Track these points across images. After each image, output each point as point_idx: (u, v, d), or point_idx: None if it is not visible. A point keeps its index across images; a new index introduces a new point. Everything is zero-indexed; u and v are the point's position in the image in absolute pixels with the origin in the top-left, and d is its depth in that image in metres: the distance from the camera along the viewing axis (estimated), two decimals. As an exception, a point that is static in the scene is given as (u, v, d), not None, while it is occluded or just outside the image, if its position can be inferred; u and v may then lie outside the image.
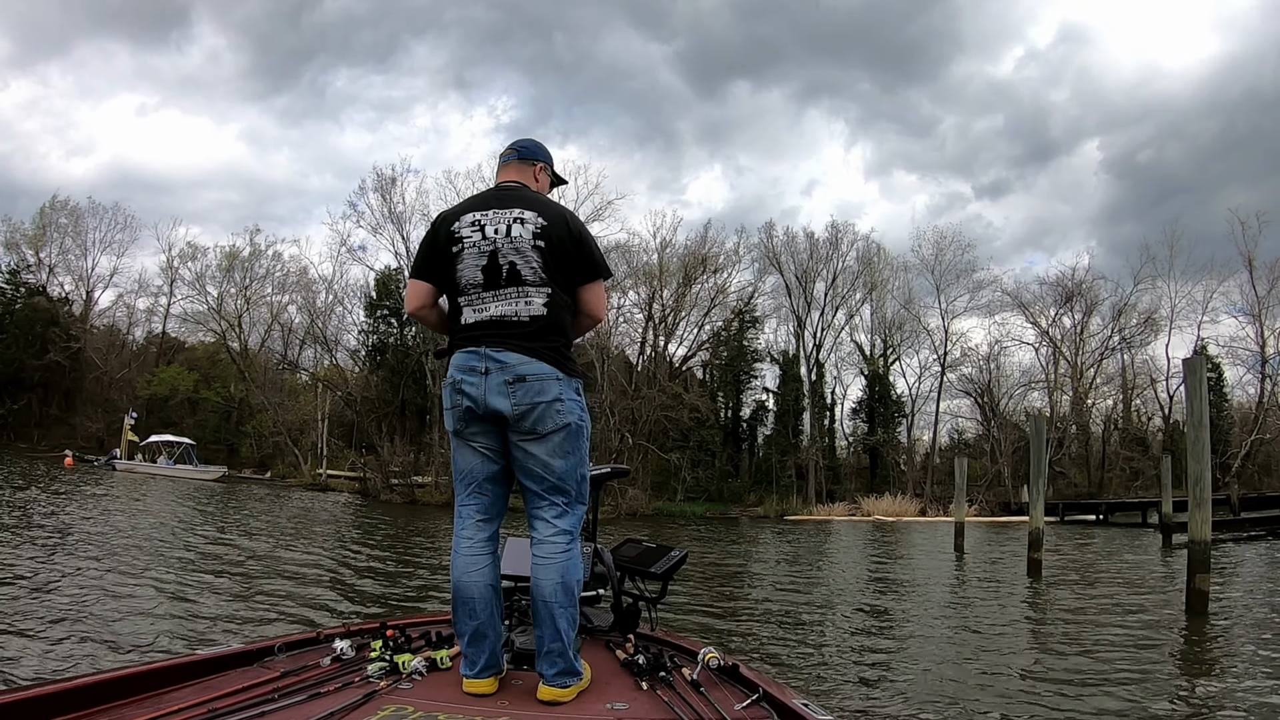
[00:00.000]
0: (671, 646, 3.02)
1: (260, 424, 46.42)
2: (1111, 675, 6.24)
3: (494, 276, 2.52)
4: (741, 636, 7.79)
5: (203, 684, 2.25)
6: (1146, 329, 44.69)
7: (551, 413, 2.46)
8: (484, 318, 2.53)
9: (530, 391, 2.43)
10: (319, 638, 2.82)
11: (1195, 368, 11.22)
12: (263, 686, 2.21)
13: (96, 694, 2.02)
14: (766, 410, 46.90)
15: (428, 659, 2.56)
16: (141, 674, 2.18)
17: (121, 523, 14.48)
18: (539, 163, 2.82)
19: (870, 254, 46.71)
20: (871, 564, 16.39)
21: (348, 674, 2.42)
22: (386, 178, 40.01)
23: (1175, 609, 9.84)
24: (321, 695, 2.17)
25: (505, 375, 2.43)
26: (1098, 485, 41.78)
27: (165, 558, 10.60)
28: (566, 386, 2.51)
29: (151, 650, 5.72)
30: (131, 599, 7.50)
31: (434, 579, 10.75)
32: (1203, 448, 10.97)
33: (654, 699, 2.32)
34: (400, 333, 45.87)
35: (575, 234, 2.59)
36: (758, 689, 2.33)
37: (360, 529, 18.89)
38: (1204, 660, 7.15)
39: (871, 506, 38.15)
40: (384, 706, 2.10)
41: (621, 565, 3.37)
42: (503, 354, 2.45)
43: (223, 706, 1.99)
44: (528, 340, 2.48)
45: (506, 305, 2.51)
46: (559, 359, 2.51)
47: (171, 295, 51.82)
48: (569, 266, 2.58)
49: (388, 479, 37.53)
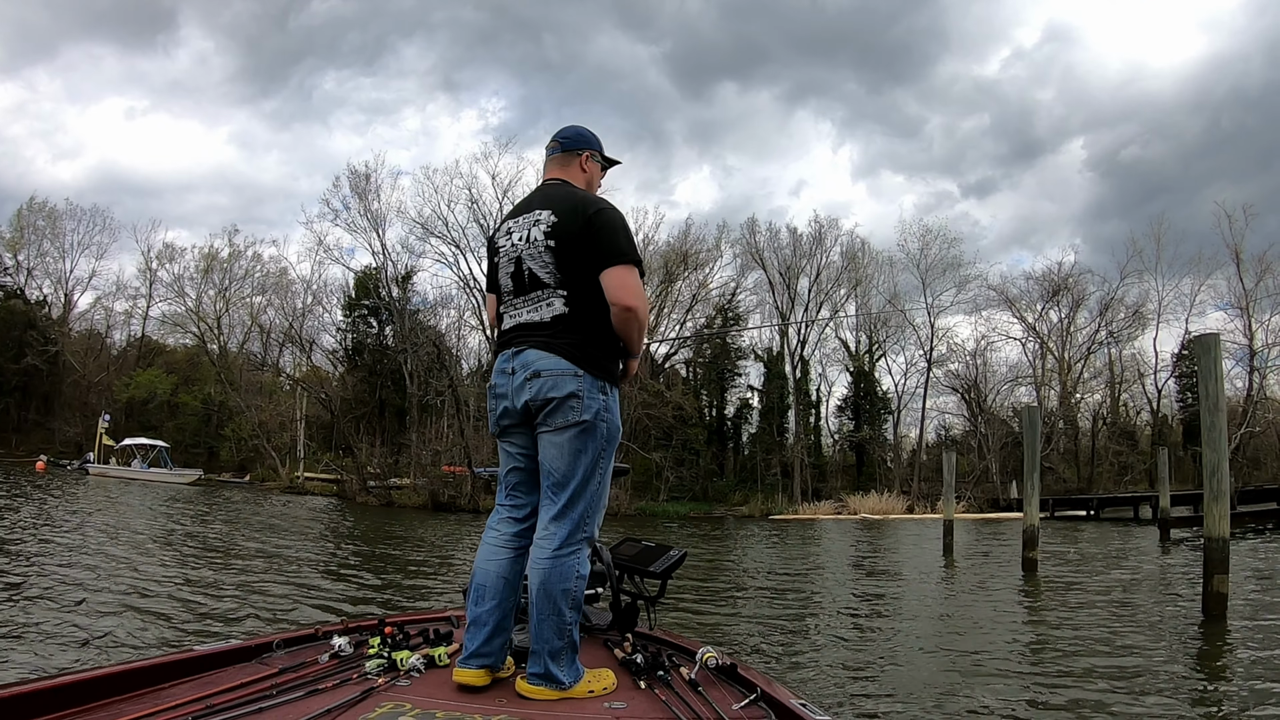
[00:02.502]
0: (670, 646, 2.97)
1: (239, 427, 44.67)
2: (1129, 685, 5.58)
3: (520, 283, 2.54)
4: (729, 644, 6.94)
5: (201, 680, 2.21)
6: (1134, 323, 43.60)
7: (565, 408, 2.40)
8: (514, 323, 2.54)
9: (545, 386, 2.40)
10: (317, 634, 2.76)
11: (1208, 346, 9.72)
12: (261, 683, 2.16)
13: (94, 689, 1.97)
14: (751, 408, 45.30)
15: (426, 656, 2.49)
16: (139, 670, 2.13)
17: (64, 540, 12.18)
18: (584, 151, 2.72)
19: (855, 249, 45.34)
20: (860, 564, 15.26)
21: (346, 671, 2.35)
22: (361, 174, 38.31)
23: (1189, 611, 8.92)
24: (319, 692, 2.13)
25: (526, 372, 2.43)
26: (1087, 481, 40.57)
27: (107, 570, 9.20)
28: (588, 384, 2.42)
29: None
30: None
31: (406, 582, 10.07)
32: (1219, 434, 9.51)
33: (652, 698, 2.28)
34: (379, 333, 44.16)
35: (586, 222, 2.46)
36: (755, 689, 2.28)
37: (320, 534, 17.22)
38: (1233, 671, 6.10)
39: (858, 504, 36.72)
40: (382, 703, 2.05)
41: (620, 564, 3.33)
42: (525, 353, 2.45)
43: (220, 703, 1.96)
44: (546, 336, 2.45)
45: (532, 310, 2.50)
46: (580, 355, 2.42)
47: (150, 298, 50.24)
48: (584, 258, 2.46)
49: (364, 481, 36.16)
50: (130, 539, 12.41)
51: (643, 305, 2.49)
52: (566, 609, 2.35)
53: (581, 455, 2.42)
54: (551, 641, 2.31)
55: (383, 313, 42.48)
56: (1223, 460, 9.47)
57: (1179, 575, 12.59)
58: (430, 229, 39.00)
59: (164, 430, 46.68)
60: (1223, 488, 9.39)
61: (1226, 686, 5.62)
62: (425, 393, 38.06)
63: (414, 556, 13.59)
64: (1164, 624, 8.20)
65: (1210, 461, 9.48)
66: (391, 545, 15.74)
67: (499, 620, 2.41)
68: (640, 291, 2.48)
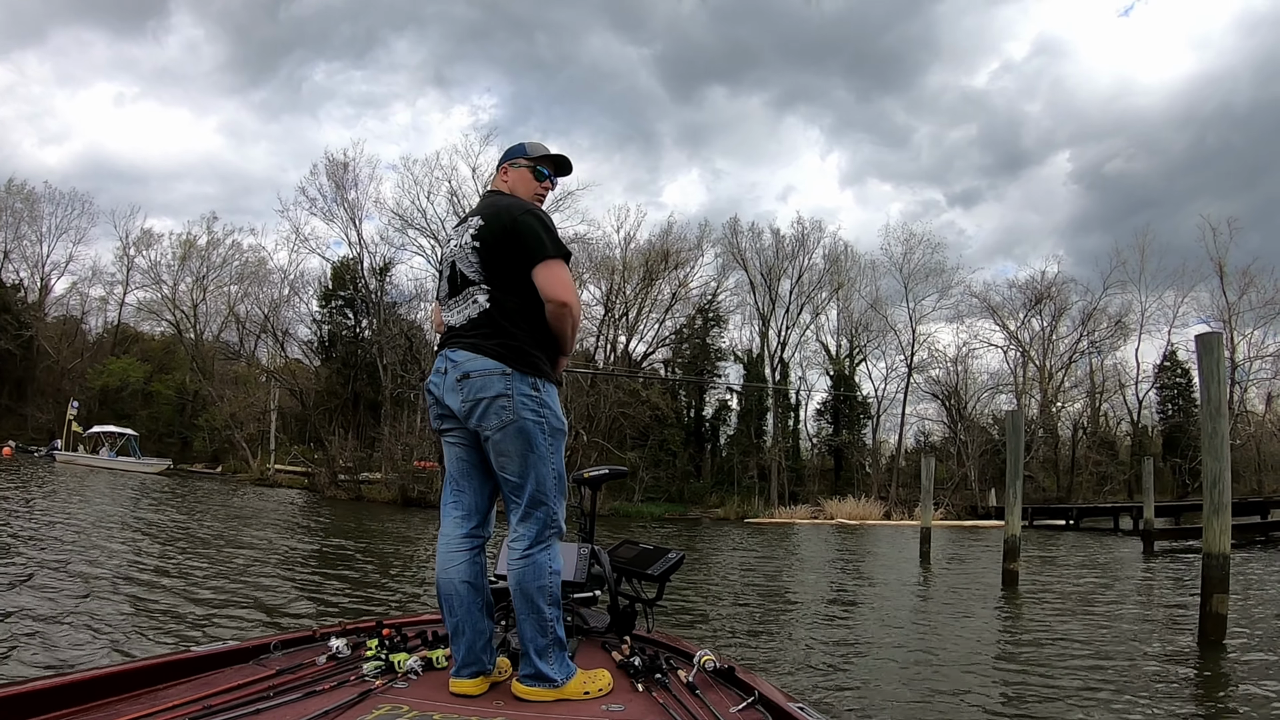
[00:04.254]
0: (668, 648, 2.88)
1: (212, 417, 43.09)
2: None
3: (453, 285, 2.56)
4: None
5: (198, 681, 2.19)
6: (1116, 333, 42.69)
7: (495, 409, 2.37)
8: (449, 323, 2.54)
9: (474, 388, 2.39)
10: (315, 636, 2.72)
11: (1211, 345, 8.63)
12: (258, 684, 2.15)
13: (91, 690, 1.95)
14: (729, 410, 43.82)
15: (423, 658, 2.47)
16: (137, 670, 2.11)
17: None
18: (505, 163, 2.78)
19: (837, 252, 44.10)
20: (834, 574, 14.24)
21: (343, 673, 2.34)
22: (339, 163, 36.94)
23: (1181, 632, 8.24)
24: (317, 694, 2.11)
25: (456, 373, 2.42)
26: (1066, 490, 39.62)
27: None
28: (516, 381, 2.38)
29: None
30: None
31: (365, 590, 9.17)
32: (1221, 441, 8.46)
33: (649, 701, 2.26)
34: (355, 324, 42.76)
35: (510, 224, 2.47)
36: (753, 692, 2.25)
37: (278, 529, 15.85)
38: (1240, 705, 5.49)
39: (834, 509, 35.53)
40: (379, 705, 2.05)
41: (618, 567, 3.25)
42: (455, 353, 2.45)
43: (218, 704, 1.94)
44: (475, 338, 2.44)
45: (462, 309, 2.51)
46: (507, 354, 2.39)
47: (127, 284, 48.70)
48: (509, 258, 2.46)
49: (334, 475, 34.69)
50: (76, 526, 11.90)
51: (576, 300, 2.50)
52: (545, 606, 2.35)
53: (529, 454, 2.38)
54: (536, 640, 2.32)
55: (359, 304, 40.98)
56: (1225, 470, 8.39)
57: (1167, 591, 11.82)
58: (409, 220, 37.80)
59: (137, 419, 45.54)
60: (1224, 499, 8.31)
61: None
62: (398, 386, 36.69)
63: (369, 557, 12.57)
64: (1157, 647, 7.45)
65: (1211, 471, 8.39)
66: (354, 541, 14.94)
67: (474, 624, 2.40)
68: (572, 286, 2.49)
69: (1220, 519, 8.17)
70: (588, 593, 3.17)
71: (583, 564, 3.15)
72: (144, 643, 5.60)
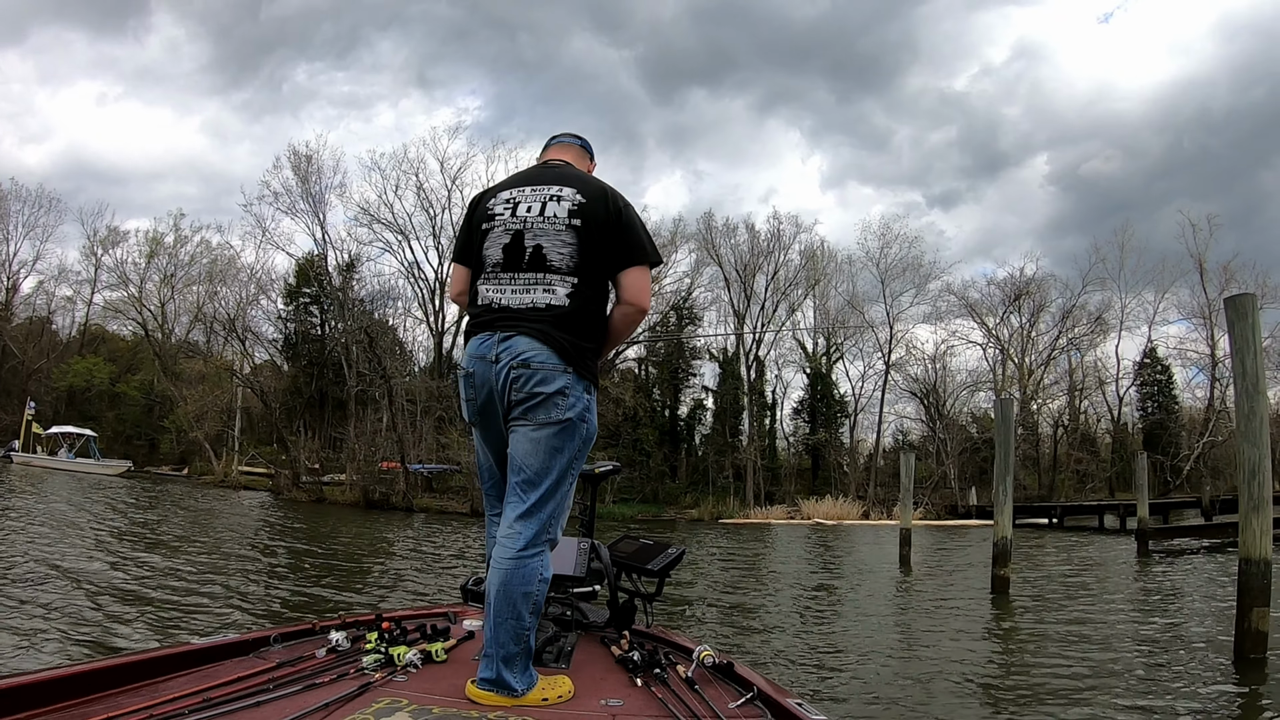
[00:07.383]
0: (667, 644, 2.75)
1: (178, 418, 40.84)
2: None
3: (515, 257, 2.17)
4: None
5: (198, 673, 2.07)
6: (1095, 330, 41.01)
7: (550, 404, 2.10)
8: (500, 303, 2.18)
9: (534, 379, 2.09)
10: (315, 629, 2.58)
11: (1245, 310, 6.76)
12: (258, 677, 2.03)
13: (91, 682, 1.86)
14: (705, 409, 41.79)
15: (423, 652, 2.30)
16: (136, 663, 2.01)
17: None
18: (593, 161, 2.54)
19: (814, 249, 42.17)
20: (810, 578, 12.80)
21: (343, 665, 2.20)
22: (303, 155, 34.83)
23: (1207, 647, 6.84)
24: (317, 686, 2.00)
25: (513, 360, 2.10)
26: (1048, 488, 37.78)
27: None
28: (576, 384, 2.12)
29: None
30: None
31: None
32: (1260, 423, 6.56)
33: (649, 696, 2.14)
34: (321, 322, 40.52)
35: (616, 212, 2.19)
36: (752, 687, 2.15)
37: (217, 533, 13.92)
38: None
39: (811, 509, 33.65)
40: (379, 698, 1.93)
41: (618, 561, 3.07)
42: (513, 340, 2.11)
43: (218, 696, 1.84)
44: (544, 326, 2.11)
45: (524, 291, 2.15)
46: (573, 355, 2.12)
47: (95, 284, 46.40)
48: (607, 250, 2.17)
49: (297, 476, 32.63)
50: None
51: (648, 311, 2.32)
52: (526, 613, 2.09)
53: (558, 454, 2.13)
54: (508, 646, 2.04)
55: (324, 301, 38.79)
56: (1264, 458, 6.49)
57: (1181, 598, 10.07)
58: (375, 215, 35.80)
59: (104, 420, 43.51)
60: (1264, 494, 6.42)
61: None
62: (361, 384, 34.59)
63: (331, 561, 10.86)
64: (1186, 666, 6.22)
65: (1250, 459, 6.48)
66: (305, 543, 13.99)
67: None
68: (650, 296, 2.29)
69: (1260, 517, 6.36)
70: (587, 588, 2.98)
71: (583, 558, 2.96)
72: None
